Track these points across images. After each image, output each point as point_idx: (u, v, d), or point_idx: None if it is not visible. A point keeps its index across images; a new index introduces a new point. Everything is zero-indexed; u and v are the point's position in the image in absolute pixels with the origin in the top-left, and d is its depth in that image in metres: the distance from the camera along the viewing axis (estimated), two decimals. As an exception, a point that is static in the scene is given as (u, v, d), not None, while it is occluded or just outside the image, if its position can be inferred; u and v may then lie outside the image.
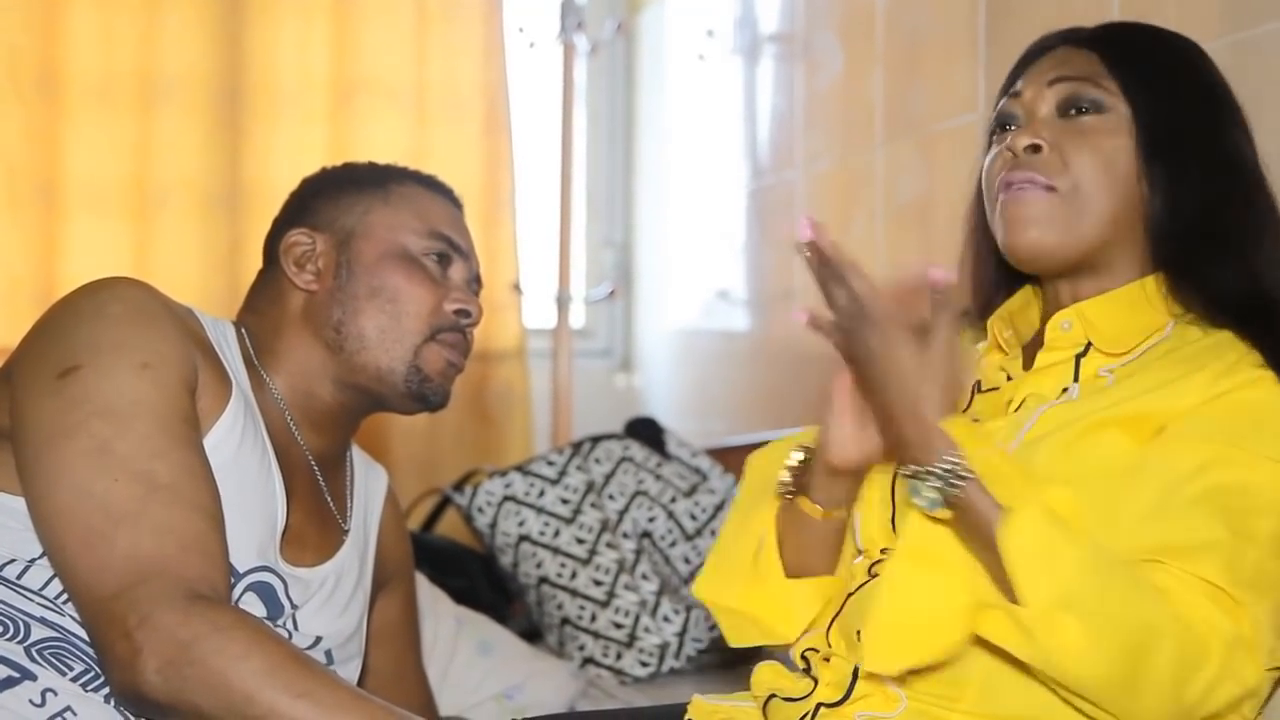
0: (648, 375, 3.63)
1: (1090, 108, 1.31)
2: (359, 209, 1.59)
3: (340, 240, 1.57)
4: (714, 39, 3.23)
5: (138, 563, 1.26)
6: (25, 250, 2.91)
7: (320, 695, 1.22)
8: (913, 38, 2.48)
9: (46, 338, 1.39)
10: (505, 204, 3.22)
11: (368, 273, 1.55)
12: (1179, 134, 1.30)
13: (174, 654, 1.22)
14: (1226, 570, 1.14)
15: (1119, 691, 1.13)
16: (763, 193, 3.05)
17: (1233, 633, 1.13)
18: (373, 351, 1.54)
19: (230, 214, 3.03)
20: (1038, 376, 1.31)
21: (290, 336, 1.56)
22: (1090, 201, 1.29)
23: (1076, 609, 1.11)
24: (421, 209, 1.61)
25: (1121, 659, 1.11)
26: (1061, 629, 1.11)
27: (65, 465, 1.30)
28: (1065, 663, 1.12)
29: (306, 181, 1.68)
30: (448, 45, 3.20)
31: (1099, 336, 1.30)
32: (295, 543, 1.50)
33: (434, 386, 1.57)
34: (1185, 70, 1.35)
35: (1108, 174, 1.29)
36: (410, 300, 1.55)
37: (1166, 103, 1.31)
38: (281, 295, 1.58)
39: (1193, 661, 1.11)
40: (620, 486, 2.46)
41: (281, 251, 1.58)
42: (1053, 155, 1.30)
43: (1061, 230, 1.29)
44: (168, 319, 1.42)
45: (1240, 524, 1.16)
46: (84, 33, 2.94)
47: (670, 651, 2.31)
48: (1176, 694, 1.12)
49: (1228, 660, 1.12)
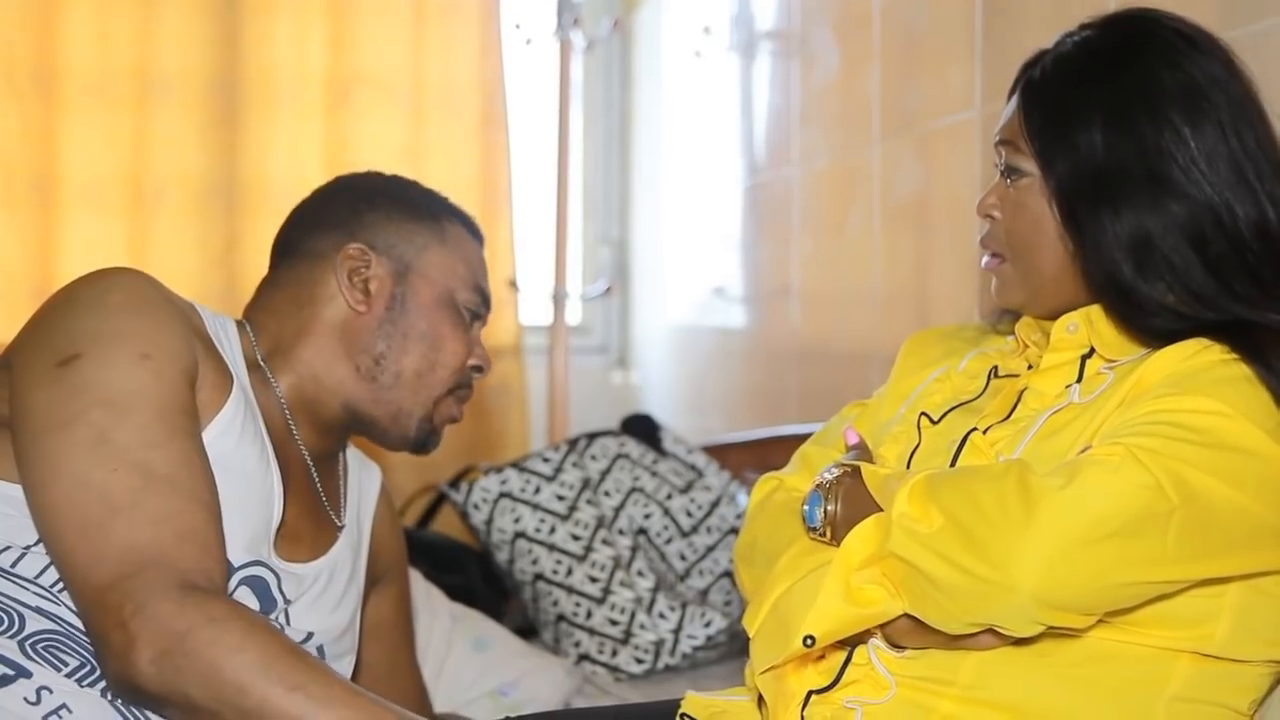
0: (644, 372, 3.63)
1: (1017, 174, 1.35)
2: (417, 243, 1.58)
3: (398, 271, 1.56)
4: (710, 36, 3.23)
5: (134, 553, 1.26)
6: (22, 246, 2.91)
7: (314, 689, 1.22)
8: (909, 35, 2.48)
9: (47, 326, 1.39)
10: (502, 201, 3.22)
11: (420, 315, 1.56)
12: (1083, 189, 1.30)
13: (168, 645, 1.22)
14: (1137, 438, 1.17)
15: (962, 545, 1.15)
16: (759, 190, 3.05)
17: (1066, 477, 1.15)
18: (404, 391, 1.56)
19: (227, 210, 3.03)
20: (1042, 376, 1.33)
21: (316, 344, 1.54)
22: (1032, 262, 1.35)
23: (921, 495, 1.19)
24: (469, 258, 1.62)
25: (954, 514, 1.17)
26: (911, 515, 1.19)
27: (63, 454, 1.29)
28: (915, 530, 1.17)
29: (352, 186, 1.64)
30: (445, 42, 3.21)
31: (1101, 341, 1.31)
32: (290, 538, 1.50)
33: (435, 438, 1.61)
34: (1096, 103, 1.30)
35: (1037, 235, 1.34)
36: (448, 353, 1.57)
37: (1069, 160, 1.30)
38: (316, 299, 1.55)
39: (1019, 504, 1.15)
40: (616, 483, 2.46)
41: (338, 260, 1.54)
42: (999, 225, 1.38)
43: (1021, 290, 1.37)
44: (168, 310, 1.41)
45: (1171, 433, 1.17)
46: (80, 29, 2.94)
47: (665, 648, 2.31)
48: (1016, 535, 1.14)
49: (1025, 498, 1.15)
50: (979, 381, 1.41)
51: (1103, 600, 1.16)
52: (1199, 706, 1.21)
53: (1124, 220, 1.27)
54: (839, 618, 1.22)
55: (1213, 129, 1.28)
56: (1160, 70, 1.30)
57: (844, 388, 1.64)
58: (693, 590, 2.44)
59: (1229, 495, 1.15)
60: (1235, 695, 1.23)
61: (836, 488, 1.30)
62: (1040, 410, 1.30)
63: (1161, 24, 1.34)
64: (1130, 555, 1.13)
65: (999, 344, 1.47)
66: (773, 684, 1.29)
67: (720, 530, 2.48)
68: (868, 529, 1.22)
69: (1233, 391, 1.19)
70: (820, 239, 2.80)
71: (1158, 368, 1.24)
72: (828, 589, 1.22)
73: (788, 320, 2.92)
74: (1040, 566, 1.12)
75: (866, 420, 1.50)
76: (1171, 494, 1.13)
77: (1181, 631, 1.20)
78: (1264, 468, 1.17)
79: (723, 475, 2.61)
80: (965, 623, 1.17)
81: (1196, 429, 1.16)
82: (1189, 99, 1.28)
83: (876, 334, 2.55)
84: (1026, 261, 1.35)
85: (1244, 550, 1.18)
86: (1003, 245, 1.37)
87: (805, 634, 1.22)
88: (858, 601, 1.22)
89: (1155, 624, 1.19)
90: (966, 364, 1.45)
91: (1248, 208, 1.27)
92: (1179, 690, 1.20)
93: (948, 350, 1.49)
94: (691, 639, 2.32)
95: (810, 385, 2.83)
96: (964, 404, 1.39)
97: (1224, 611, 1.20)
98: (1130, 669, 1.20)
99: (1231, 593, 1.20)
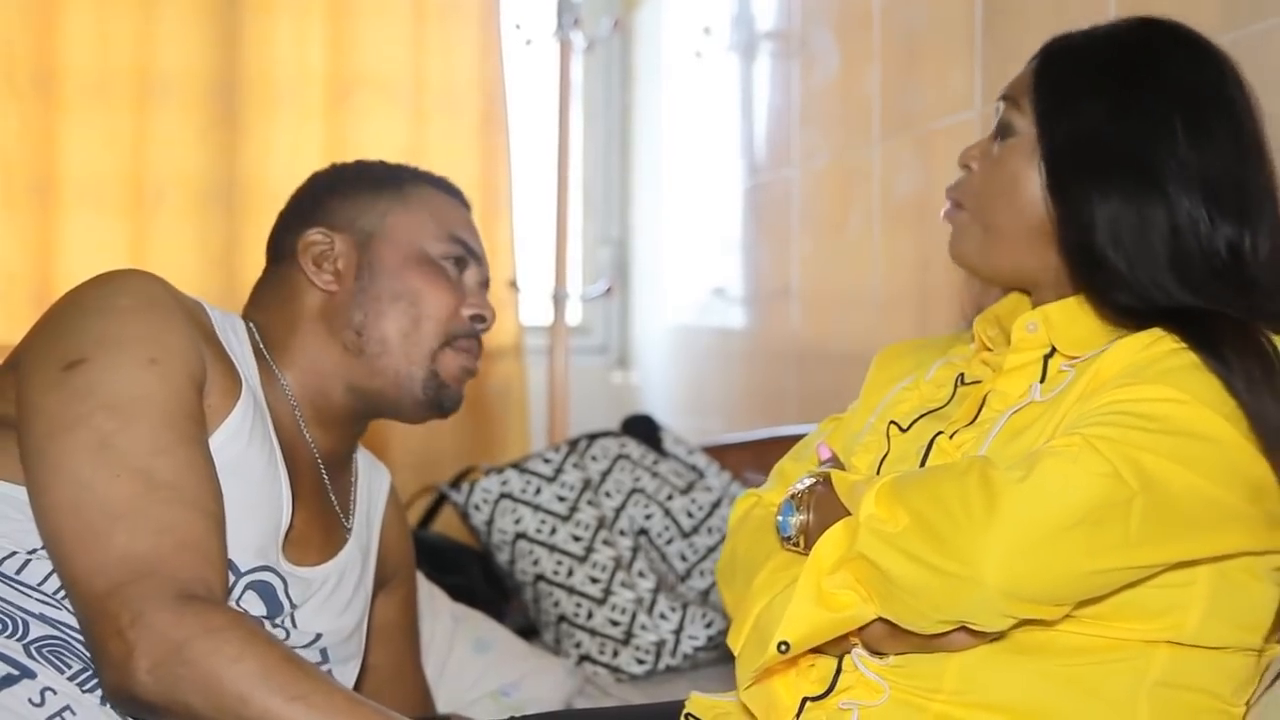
0: (644, 372, 3.63)
1: (1008, 132, 1.36)
2: (378, 210, 1.59)
3: (360, 242, 1.57)
4: (711, 36, 3.23)
5: (133, 561, 1.25)
6: (22, 247, 2.91)
7: (315, 699, 1.21)
8: (909, 35, 2.48)
9: (54, 329, 1.38)
10: (502, 201, 3.22)
11: (390, 276, 1.56)
12: (1080, 156, 1.31)
13: (166, 654, 1.21)
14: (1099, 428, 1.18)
15: (926, 539, 1.16)
16: (759, 190, 3.05)
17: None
18: (394, 355, 1.55)
19: (227, 210, 3.03)
20: (1006, 378, 1.34)
21: (305, 335, 1.55)
22: (992, 218, 1.36)
23: (888, 496, 1.21)
24: (438, 212, 1.62)
25: (918, 510, 1.18)
26: (878, 516, 1.20)
27: (67, 458, 1.28)
28: (882, 531, 1.19)
29: (317, 178, 1.67)
30: (445, 42, 3.20)
31: (1060, 339, 1.32)
32: (298, 542, 1.49)
33: (450, 393, 1.59)
34: (1111, 84, 1.33)
35: (1009, 194, 1.35)
36: (431, 305, 1.56)
37: (1069, 125, 1.32)
38: (295, 293, 1.57)
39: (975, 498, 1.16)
40: (617, 484, 2.46)
41: (300, 250, 1.56)
42: (973, 176, 1.39)
43: (972, 242, 1.38)
44: (177, 313, 1.40)
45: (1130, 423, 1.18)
46: (80, 29, 2.94)
47: (666, 649, 2.31)
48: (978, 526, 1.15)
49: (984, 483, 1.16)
50: (946, 389, 1.42)
51: (1071, 589, 1.17)
52: (1181, 693, 1.23)
53: (1110, 199, 1.29)
54: (812, 622, 1.23)
55: (1213, 145, 1.30)
56: (1178, 75, 1.33)
57: (844, 388, 1.63)
58: (694, 591, 2.44)
59: (1188, 479, 1.16)
60: (1216, 682, 1.24)
61: (809, 497, 1.32)
62: (1003, 411, 1.31)
63: (1190, 37, 1.37)
64: (1094, 543, 1.14)
65: (964, 352, 1.47)
66: (761, 697, 1.30)
67: (721, 531, 2.48)
68: (837, 533, 1.24)
69: (1187, 378, 1.20)
70: (820, 239, 2.80)
71: (1115, 359, 1.25)
72: (799, 594, 1.23)
73: (788, 320, 2.92)
74: (1003, 559, 1.14)
75: (840, 434, 1.51)
76: (1131, 480, 1.14)
77: (1154, 622, 1.21)
78: (1219, 451, 1.18)
79: (723, 476, 2.61)
80: (935, 620, 1.18)
81: (1152, 416, 1.18)
82: (1199, 110, 1.31)
83: (876, 334, 2.55)
84: (987, 216, 1.37)
85: (1207, 532, 1.19)
86: (967, 195, 1.39)
87: (779, 640, 1.22)
88: (830, 606, 1.22)
89: (1127, 616, 1.21)
90: (934, 373, 1.46)
91: (1226, 227, 1.29)
92: (1160, 677, 1.22)
93: (916, 362, 1.51)
94: (692, 639, 2.32)
95: (810, 386, 2.83)
96: (932, 411, 1.40)
97: (1194, 600, 1.21)
98: (1110, 661, 1.22)
99: (1201, 581, 1.21)
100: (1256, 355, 1.21)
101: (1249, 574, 1.23)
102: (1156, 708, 1.21)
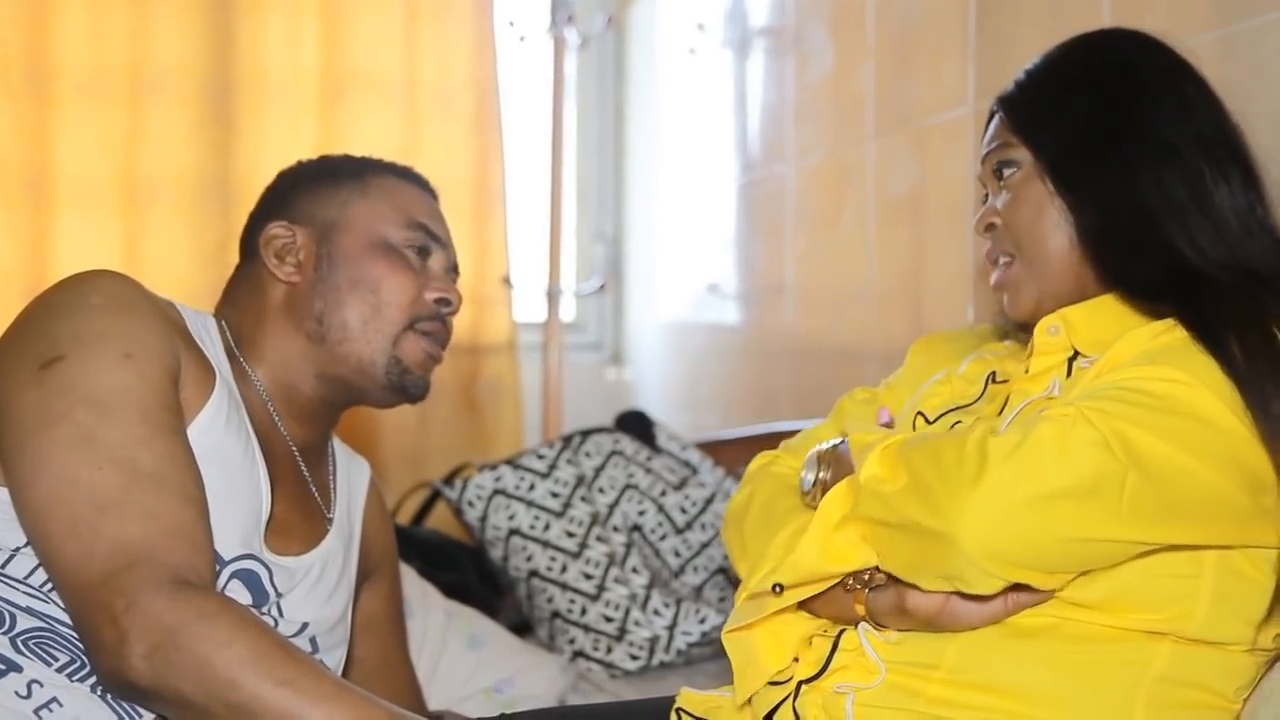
0: (638, 369, 3.63)
1: (1009, 168, 1.40)
2: (338, 201, 1.60)
3: (320, 233, 1.59)
4: (704, 33, 3.23)
5: (124, 549, 1.26)
6: (14, 245, 2.91)
7: (303, 684, 1.22)
8: (903, 31, 2.48)
9: (29, 330, 1.40)
10: (495, 198, 3.22)
11: (349, 264, 1.57)
12: (1073, 161, 1.35)
13: (160, 639, 1.22)
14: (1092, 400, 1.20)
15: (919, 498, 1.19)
16: (753, 186, 3.05)
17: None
18: (355, 342, 1.56)
19: (220, 208, 3.03)
20: (1031, 380, 1.35)
21: (271, 328, 1.57)
22: (1039, 251, 1.37)
23: (892, 456, 1.25)
24: (399, 200, 1.63)
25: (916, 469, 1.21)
26: (879, 475, 1.24)
27: (49, 454, 1.30)
28: (880, 490, 1.22)
29: (282, 175, 1.69)
30: (438, 39, 3.20)
31: (1080, 339, 1.33)
32: (280, 532, 1.51)
33: (414, 378, 1.60)
34: (1082, 80, 1.39)
35: (1040, 222, 1.37)
36: (391, 290, 1.57)
37: (1057, 125, 1.37)
38: (261, 288, 1.59)
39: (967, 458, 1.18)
40: (610, 480, 2.46)
41: (261, 244, 1.59)
42: (1001, 230, 1.41)
43: (1032, 286, 1.38)
44: (149, 309, 1.42)
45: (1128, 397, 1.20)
46: (73, 27, 2.94)
47: (660, 645, 2.31)
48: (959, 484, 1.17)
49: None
50: (977, 386, 1.43)
51: (1055, 557, 1.17)
52: (1182, 689, 1.23)
53: (1122, 170, 1.32)
54: (809, 570, 1.27)
55: (1194, 108, 1.35)
56: (1135, 59, 1.39)
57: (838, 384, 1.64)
58: (687, 587, 2.44)
59: (1181, 460, 1.16)
60: (1219, 679, 1.24)
61: (830, 455, 1.37)
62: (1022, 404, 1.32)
63: (1126, 30, 1.44)
64: (1082, 513, 1.15)
65: (997, 348, 1.48)
66: (740, 650, 1.33)
67: (714, 527, 2.48)
68: (842, 490, 1.28)
69: (1194, 362, 1.20)
70: (814, 235, 2.80)
71: (1129, 345, 1.26)
72: (804, 544, 1.28)
73: (782, 317, 2.92)
74: (979, 519, 1.15)
75: (870, 410, 1.55)
76: (1119, 453, 1.15)
77: (1160, 613, 1.21)
78: (1218, 437, 1.18)
79: (717, 472, 2.61)
80: (930, 576, 1.20)
81: (1153, 394, 1.18)
82: (1171, 78, 1.37)
83: (871, 330, 2.56)
84: (1032, 252, 1.37)
85: (1201, 518, 1.19)
86: (1007, 245, 1.40)
87: (775, 581, 1.28)
88: (831, 558, 1.26)
89: (1134, 606, 1.21)
90: (966, 367, 1.47)
91: (1236, 180, 1.33)
92: (1162, 672, 1.22)
93: (952, 352, 1.52)
94: (686, 635, 2.32)
95: (804, 382, 2.83)
96: (961, 407, 1.42)
97: (1201, 593, 1.21)
98: (1112, 651, 1.22)
99: (1207, 574, 1.21)
100: (1266, 346, 1.21)
101: (1253, 567, 1.23)
102: (1154, 703, 1.21)
